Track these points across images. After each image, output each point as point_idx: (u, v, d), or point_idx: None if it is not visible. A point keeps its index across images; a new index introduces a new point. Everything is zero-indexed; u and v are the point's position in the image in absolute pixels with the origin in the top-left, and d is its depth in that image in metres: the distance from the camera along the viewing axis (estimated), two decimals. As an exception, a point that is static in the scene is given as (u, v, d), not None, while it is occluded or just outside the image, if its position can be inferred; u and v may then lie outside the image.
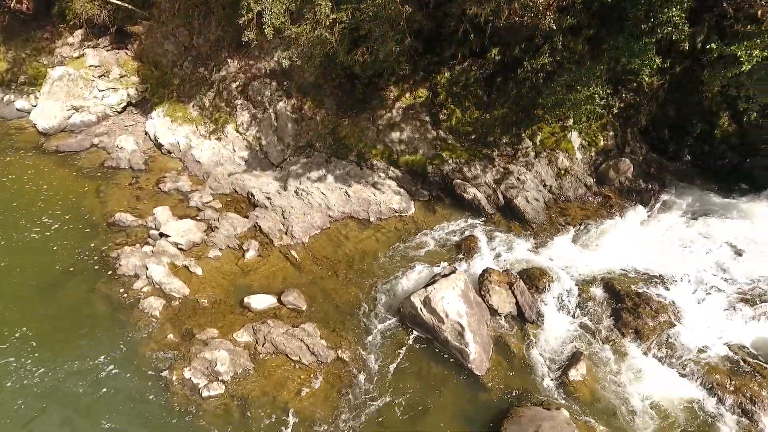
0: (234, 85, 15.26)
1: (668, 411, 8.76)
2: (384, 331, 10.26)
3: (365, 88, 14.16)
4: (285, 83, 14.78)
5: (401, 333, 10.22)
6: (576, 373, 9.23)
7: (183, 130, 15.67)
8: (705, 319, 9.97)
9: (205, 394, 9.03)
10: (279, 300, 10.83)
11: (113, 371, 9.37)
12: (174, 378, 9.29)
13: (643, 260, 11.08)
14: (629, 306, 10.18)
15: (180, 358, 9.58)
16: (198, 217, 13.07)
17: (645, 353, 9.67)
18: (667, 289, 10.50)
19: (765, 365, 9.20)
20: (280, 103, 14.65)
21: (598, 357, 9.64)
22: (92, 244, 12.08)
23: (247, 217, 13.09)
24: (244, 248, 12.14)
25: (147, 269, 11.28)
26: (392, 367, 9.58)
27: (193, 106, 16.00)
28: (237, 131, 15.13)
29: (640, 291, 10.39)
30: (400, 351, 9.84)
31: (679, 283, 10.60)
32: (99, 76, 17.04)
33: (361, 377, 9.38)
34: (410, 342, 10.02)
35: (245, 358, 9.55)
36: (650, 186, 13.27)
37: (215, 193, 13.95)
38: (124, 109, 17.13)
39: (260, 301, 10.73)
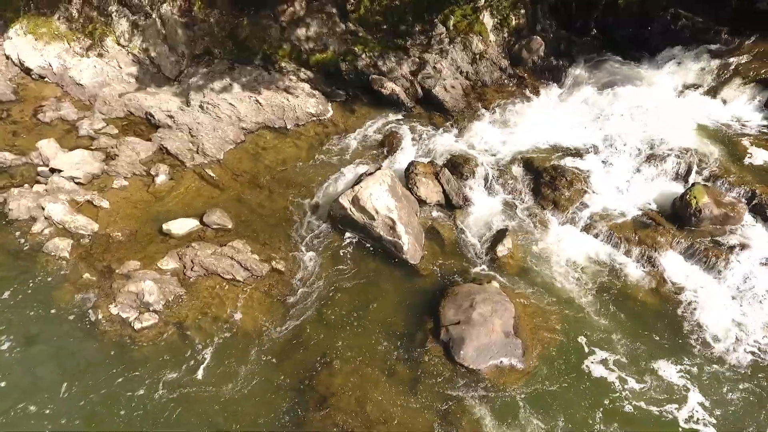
0: (103, -12, 13.04)
1: (585, 268, 9.62)
2: (316, 237, 10.14)
3: (260, -19, 12.65)
4: (165, -19, 12.82)
5: (334, 236, 10.16)
6: (503, 248, 9.74)
7: (53, 49, 13.44)
8: (613, 183, 10.70)
9: (137, 326, 8.63)
10: (201, 222, 10.24)
11: (30, 324, 8.61)
12: (100, 317, 8.74)
13: (558, 135, 11.47)
14: (547, 180, 10.66)
15: (102, 296, 8.97)
16: (92, 147, 11.68)
17: (563, 222, 10.35)
18: (580, 159, 11.04)
19: (663, 217, 10.17)
20: (164, 6, 12.80)
21: (522, 231, 10.20)
22: (-31, 191, 10.54)
23: (149, 140, 11.89)
24: (153, 173, 11.14)
25: (44, 210, 10.11)
26: (329, 269, 9.61)
27: (58, 19, 13.62)
28: (119, 44, 13.21)
29: (556, 165, 10.85)
30: (335, 253, 9.84)
31: (590, 153, 11.15)
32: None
33: (300, 284, 9.36)
34: (344, 243, 10.01)
35: (174, 285, 9.13)
36: (561, 62, 13.44)
37: (107, 118, 12.42)
38: (-30, 30, 14.29)
39: (181, 226, 10.09)
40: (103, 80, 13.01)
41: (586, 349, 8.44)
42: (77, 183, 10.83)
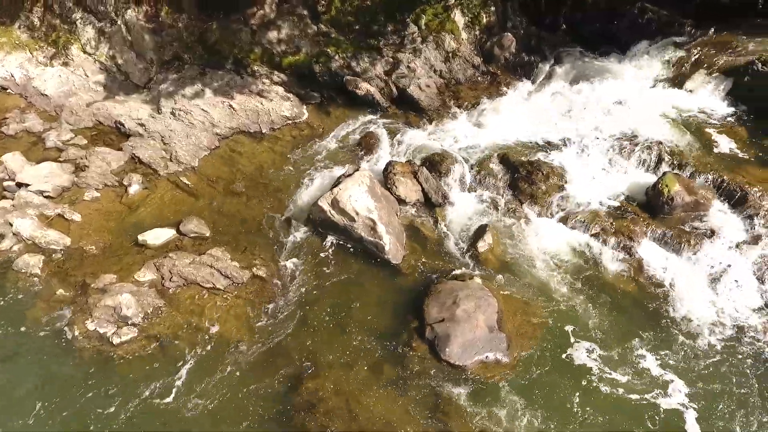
0: (65, -5, 12.68)
1: (565, 259, 9.77)
2: (297, 242, 10.05)
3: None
4: (130, -14, 12.54)
5: (315, 240, 10.08)
6: (483, 244, 9.82)
7: (14, 59, 13.02)
8: (588, 175, 10.89)
9: (116, 341, 8.41)
10: (178, 231, 10.04)
11: (2, 344, 8.31)
12: (77, 333, 8.49)
13: (532, 130, 11.63)
14: (524, 174, 10.78)
15: (78, 312, 8.71)
16: (61, 159, 11.35)
17: (540, 215, 10.49)
18: (555, 153, 11.20)
19: (637, 206, 10.39)
20: (129, 12, 12.52)
21: (502, 226, 10.29)
22: (-69, 210, 10.11)
23: (120, 149, 11.61)
24: (126, 184, 10.88)
25: (11, 225, 9.77)
26: (311, 273, 9.53)
27: (19, 28, 13.21)
28: (84, 52, 12.87)
29: (532, 159, 10.98)
30: (317, 257, 9.77)
31: (565, 147, 11.33)
32: None
33: (282, 289, 9.26)
34: (325, 246, 9.94)
35: (153, 297, 8.92)
36: (533, 58, 13.63)
37: (75, 128, 12.08)
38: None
39: (157, 236, 9.88)
40: (69, 89, 12.64)
41: (569, 340, 8.56)
42: (46, 197, 10.50)
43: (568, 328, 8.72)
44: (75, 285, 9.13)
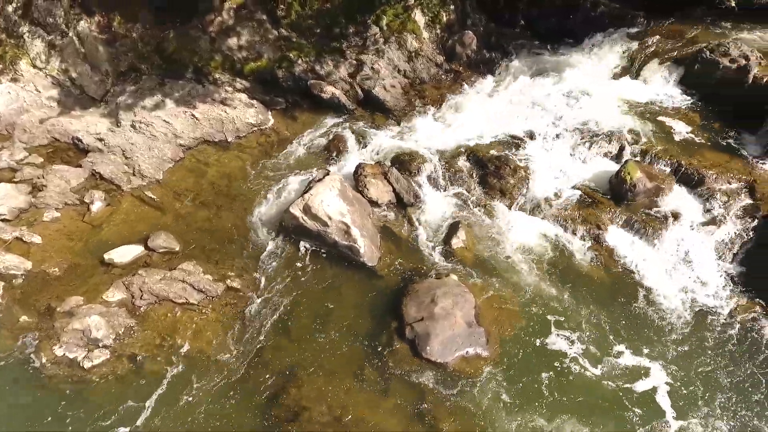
0: (10, 8, 12.10)
1: (537, 251, 9.97)
2: (270, 250, 9.91)
3: (184, -9, 12.20)
4: (80, -3, 12.09)
5: (289, 247, 9.96)
6: (457, 241, 9.93)
7: (-42, 77, 12.34)
8: (554, 166, 11.14)
9: (87, 365, 8.11)
10: (146, 247, 9.74)
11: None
12: (45, 360, 8.14)
13: (498, 125, 11.81)
14: (492, 170, 10.95)
15: (45, 338, 8.35)
16: (16, 179, 10.82)
17: (511, 208, 10.67)
18: (521, 147, 11.41)
19: (602, 194, 10.70)
20: (81, 23, 12.06)
21: (474, 221, 10.42)
22: None
23: (80, 166, 11.18)
24: (87, 201, 10.49)
25: (-34, 252, 9.29)
26: (287, 281, 9.42)
27: (-39, 44, 12.51)
28: (34, 66, 12.31)
29: (499, 154, 11.16)
30: (292, 264, 9.66)
31: (530, 140, 11.55)
32: None
33: (257, 299, 9.12)
34: (300, 253, 9.85)
35: (124, 316, 8.64)
36: (494, 55, 13.87)
37: (30, 147, 11.55)
38: None
39: (124, 254, 9.57)
40: (20, 106, 12.08)
41: (545, 328, 8.75)
42: (2, 220, 10.01)
43: (544, 317, 8.92)
44: (39, 310, 8.74)
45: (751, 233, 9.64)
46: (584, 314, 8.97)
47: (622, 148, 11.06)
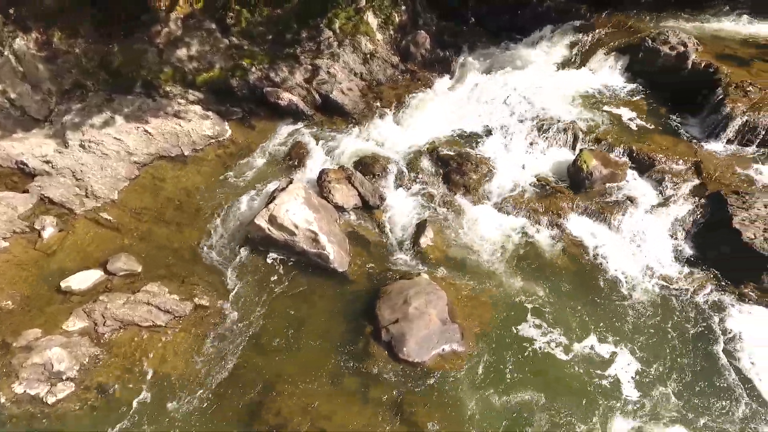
0: (-63, 28, 11.36)
1: (502, 243, 10.16)
2: (238, 264, 9.70)
3: (126, 2, 11.74)
4: (13, 13, 11.45)
5: (256, 259, 9.78)
6: (426, 240, 10.00)
7: None
8: (514, 160, 11.41)
9: (51, 400, 7.71)
10: (106, 271, 9.35)
11: None
12: (3, 400, 7.69)
13: (457, 122, 12.00)
14: (454, 167, 11.10)
15: (2, 376, 7.88)
16: (-44, 210, 10.18)
17: (475, 203, 10.84)
18: (481, 143, 11.64)
19: (561, 184, 11.02)
20: (18, 41, 11.43)
21: (441, 219, 10.52)
22: None
23: (26, 191, 10.59)
24: (38, 228, 9.97)
25: None
26: (258, 294, 9.24)
27: None
28: (-32, 89, 11.60)
29: (460, 151, 11.33)
30: (261, 276, 9.49)
31: (489, 135, 11.80)
32: None
33: (228, 315, 8.90)
34: (268, 264, 9.68)
35: (87, 346, 8.26)
36: (448, 53, 14.04)
37: (-31, 175, 10.88)
38: None
39: (82, 280, 9.15)
40: (-45, 132, 11.35)
41: (517, 319, 8.94)
42: (-56, 254, 9.40)
43: (515, 308, 9.11)
44: (-7, 347, 8.26)
45: (700, 211, 10.14)
46: (553, 301, 9.21)
47: (576, 138, 11.43)
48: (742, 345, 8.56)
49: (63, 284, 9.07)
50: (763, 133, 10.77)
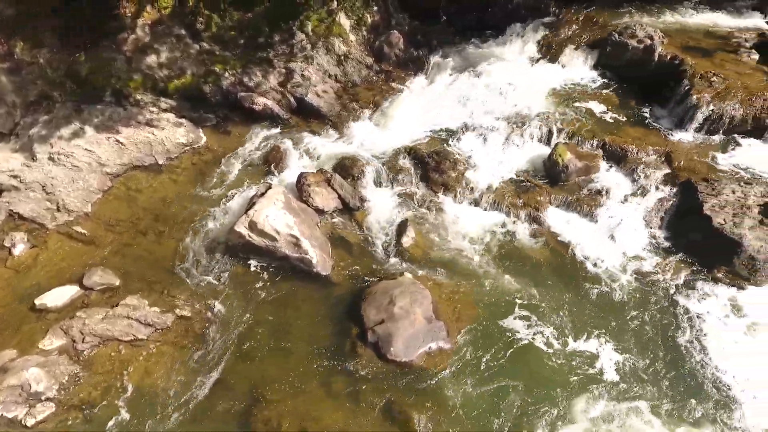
0: None
1: (484, 239, 10.27)
2: (219, 272, 9.56)
3: (91, 10, 11.45)
4: (-28, 24, 11.06)
5: (238, 266, 9.66)
6: (407, 239, 10.04)
7: None
8: (491, 156, 11.53)
9: (30, 422, 7.48)
10: (82, 286, 9.12)
11: None
12: (-22, 425, 7.44)
13: (433, 121, 12.06)
14: (433, 165, 11.16)
15: (-24, 401, 7.62)
16: None
17: (455, 201, 10.93)
18: (458, 140, 11.72)
19: (538, 178, 11.19)
20: (-22, 53, 11.05)
21: (422, 218, 10.58)
22: None
23: (-6, 207, 10.25)
24: (8, 245, 9.67)
25: None
26: (241, 301, 9.14)
27: None
28: (-73, 104, 11.15)
29: (438, 150, 11.39)
30: (244, 283, 9.38)
31: (466, 133, 11.88)
32: None
33: (211, 324, 8.78)
34: (251, 271, 9.58)
35: (66, 364, 8.04)
36: (421, 52, 14.11)
37: (-68, 193, 10.46)
38: None
39: (58, 296, 8.90)
40: None
41: (501, 314, 9.04)
42: None
43: (498, 303, 9.21)
44: (-34, 371, 7.96)
45: (672, 199, 10.42)
46: (535, 294, 9.35)
47: (551, 132, 11.62)
48: (710, 327, 8.85)
49: (38, 302, 8.80)
50: (728, 121, 11.14)
